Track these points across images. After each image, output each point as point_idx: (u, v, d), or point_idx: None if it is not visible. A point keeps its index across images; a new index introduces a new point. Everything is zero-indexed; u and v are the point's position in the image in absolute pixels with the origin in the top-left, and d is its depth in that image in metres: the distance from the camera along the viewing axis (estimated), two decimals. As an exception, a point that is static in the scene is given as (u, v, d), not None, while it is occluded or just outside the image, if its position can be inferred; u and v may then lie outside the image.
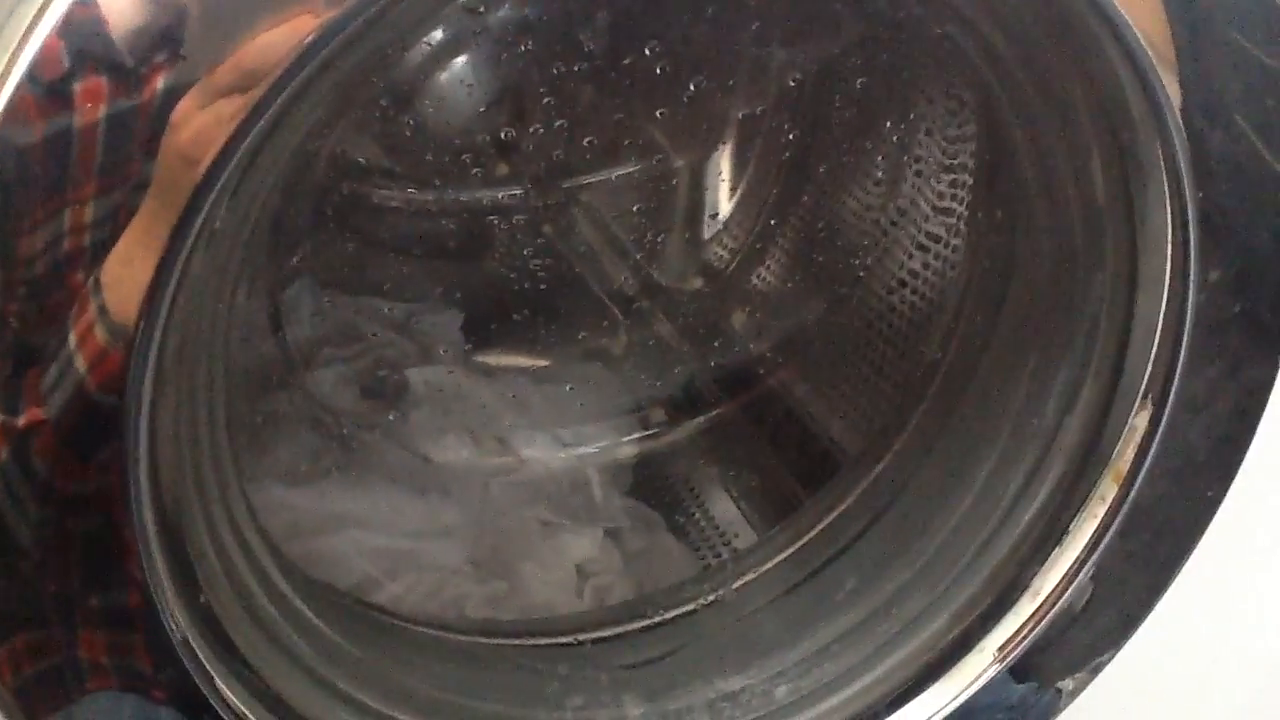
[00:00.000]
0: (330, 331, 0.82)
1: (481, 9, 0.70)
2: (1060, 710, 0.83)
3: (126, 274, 0.52)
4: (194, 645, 0.62)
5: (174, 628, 0.61)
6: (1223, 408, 0.75)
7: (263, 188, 0.61)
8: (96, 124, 0.50)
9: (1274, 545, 0.93)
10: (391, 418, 0.90)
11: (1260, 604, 0.97)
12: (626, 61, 0.75)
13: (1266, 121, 0.67)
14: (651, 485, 1.05)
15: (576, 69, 0.74)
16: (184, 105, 0.50)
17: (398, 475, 0.90)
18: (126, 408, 0.54)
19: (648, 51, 0.74)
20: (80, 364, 0.52)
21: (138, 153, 0.50)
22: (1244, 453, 0.77)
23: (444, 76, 0.74)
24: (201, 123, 0.50)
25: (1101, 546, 0.78)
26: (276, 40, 0.50)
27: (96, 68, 0.49)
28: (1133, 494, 0.77)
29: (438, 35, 0.71)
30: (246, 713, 0.65)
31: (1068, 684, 0.82)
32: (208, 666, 0.63)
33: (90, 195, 0.50)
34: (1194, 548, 0.80)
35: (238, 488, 0.71)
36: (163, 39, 0.49)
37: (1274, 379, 0.75)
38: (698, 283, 1.02)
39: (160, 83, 0.49)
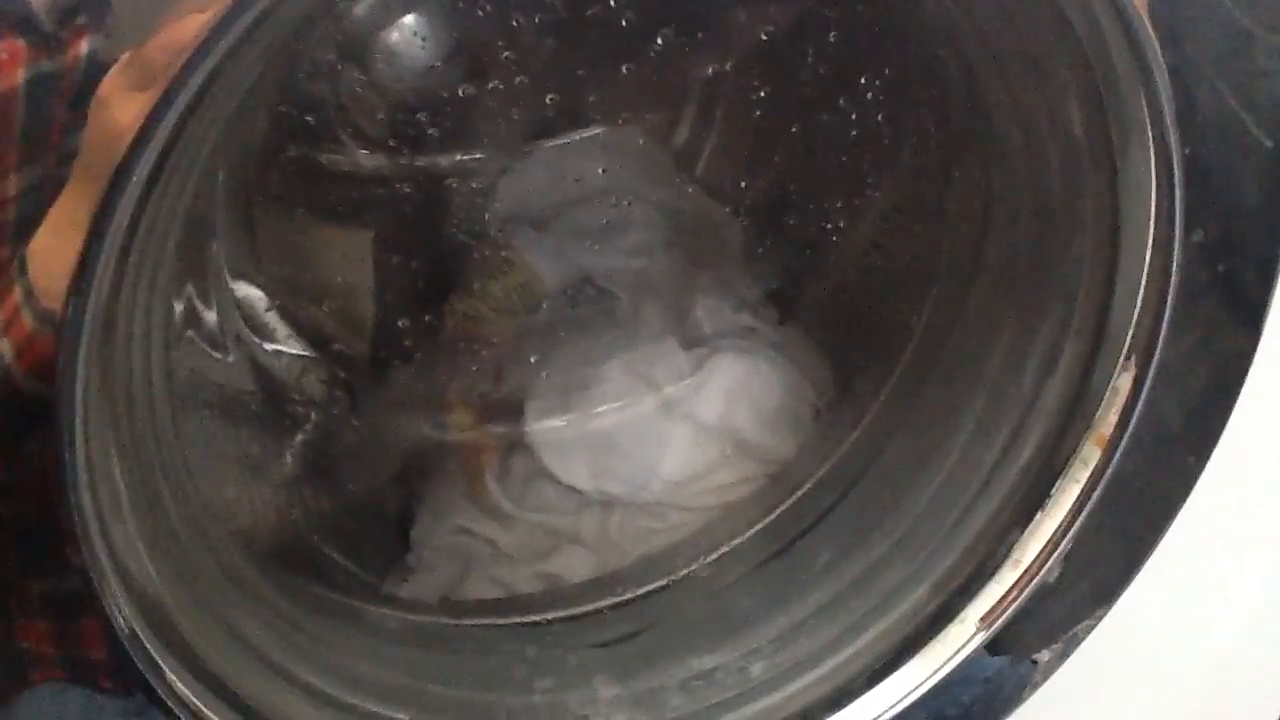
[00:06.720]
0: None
1: (434, -45, 0.67)
2: (1036, 683, 0.82)
3: (54, 253, 0.49)
4: (141, 636, 0.59)
5: (120, 619, 0.58)
6: (1198, 379, 0.73)
7: (199, 154, 0.58)
8: (16, 89, 0.47)
9: (1254, 521, 0.91)
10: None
11: (1238, 580, 0.95)
12: (589, 13, 0.72)
13: (1243, 84, 0.65)
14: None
15: (537, 21, 0.71)
16: (112, 80, 0.47)
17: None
18: (59, 395, 0.51)
19: (612, 3, 0.71)
20: (6, 349, 0.50)
21: (62, 118, 0.47)
22: (1222, 425, 0.75)
23: (396, 29, 0.70)
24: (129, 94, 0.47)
25: (1085, 512, 0.76)
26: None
27: (14, 29, 0.46)
28: (1115, 458, 0.75)
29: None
30: (198, 704, 0.62)
31: (1043, 655, 0.81)
32: (156, 658, 0.60)
33: (13, 166, 0.47)
34: (1170, 521, 0.77)
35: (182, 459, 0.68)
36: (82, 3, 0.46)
37: (1255, 348, 0.73)
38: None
39: (84, 47, 0.46)
